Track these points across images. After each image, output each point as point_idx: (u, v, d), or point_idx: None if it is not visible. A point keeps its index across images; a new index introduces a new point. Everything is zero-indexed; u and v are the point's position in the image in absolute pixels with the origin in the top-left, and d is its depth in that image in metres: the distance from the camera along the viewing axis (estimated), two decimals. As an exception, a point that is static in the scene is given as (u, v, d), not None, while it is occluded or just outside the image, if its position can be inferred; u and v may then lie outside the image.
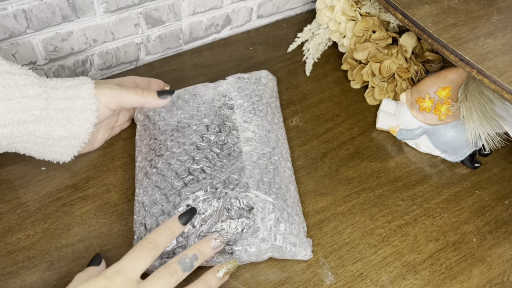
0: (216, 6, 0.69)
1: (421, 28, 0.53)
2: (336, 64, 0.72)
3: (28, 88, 0.44)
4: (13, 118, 0.43)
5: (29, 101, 0.44)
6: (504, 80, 0.47)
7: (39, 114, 0.45)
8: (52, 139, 0.47)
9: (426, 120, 0.59)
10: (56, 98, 0.46)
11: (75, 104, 0.47)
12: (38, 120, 0.45)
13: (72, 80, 0.48)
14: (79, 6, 0.57)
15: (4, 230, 0.50)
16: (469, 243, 0.55)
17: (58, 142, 0.47)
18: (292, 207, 0.50)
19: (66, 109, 0.46)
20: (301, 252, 0.49)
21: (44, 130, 0.46)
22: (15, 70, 0.44)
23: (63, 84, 0.47)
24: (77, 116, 0.47)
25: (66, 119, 0.46)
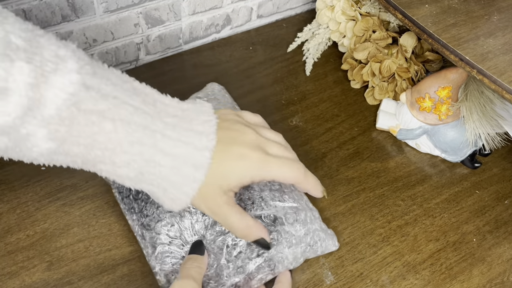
0: (216, 6, 0.69)
1: (421, 28, 0.52)
2: (336, 64, 0.72)
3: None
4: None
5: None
6: (504, 80, 0.47)
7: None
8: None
9: (426, 120, 0.59)
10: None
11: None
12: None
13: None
14: (78, 6, 0.57)
15: (4, 230, 0.50)
16: (469, 243, 0.55)
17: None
18: (307, 204, 0.50)
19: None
20: (329, 244, 0.49)
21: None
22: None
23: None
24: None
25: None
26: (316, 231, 0.48)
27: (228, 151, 0.41)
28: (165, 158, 0.38)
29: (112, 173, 0.39)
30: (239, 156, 0.42)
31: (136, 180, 0.39)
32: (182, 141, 0.39)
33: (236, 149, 0.42)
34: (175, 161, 0.39)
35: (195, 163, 0.39)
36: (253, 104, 0.65)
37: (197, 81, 0.67)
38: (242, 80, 0.68)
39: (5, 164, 0.55)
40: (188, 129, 0.40)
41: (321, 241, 0.48)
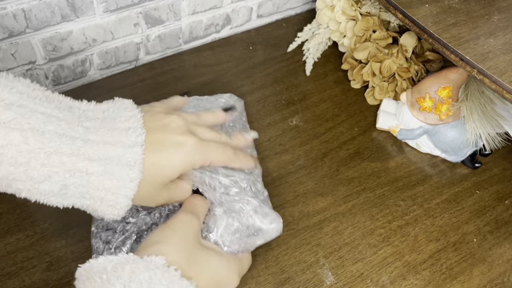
0: (216, 5, 0.69)
1: (421, 28, 0.52)
2: (336, 63, 0.72)
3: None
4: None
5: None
6: (505, 79, 0.47)
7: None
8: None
9: (427, 120, 0.59)
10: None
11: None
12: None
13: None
14: (78, 5, 0.57)
15: (4, 230, 0.50)
16: (469, 243, 0.55)
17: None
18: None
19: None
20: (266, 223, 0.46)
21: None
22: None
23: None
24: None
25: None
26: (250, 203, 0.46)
27: (161, 142, 0.39)
28: (92, 164, 0.36)
29: (33, 192, 0.36)
30: (175, 144, 0.40)
31: (62, 195, 0.36)
32: (108, 143, 0.36)
33: (169, 138, 0.40)
34: (105, 165, 0.36)
35: (128, 162, 0.37)
36: (253, 104, 0.65)
37: (197, 81, 0.67)
38: (242, 80, 0.68)
39: (4, 164, 0.55)
40: (112, 128, 0.37)
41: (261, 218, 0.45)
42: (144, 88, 0.65)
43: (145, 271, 0.34)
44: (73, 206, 0.38)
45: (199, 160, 0.42)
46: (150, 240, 0.39)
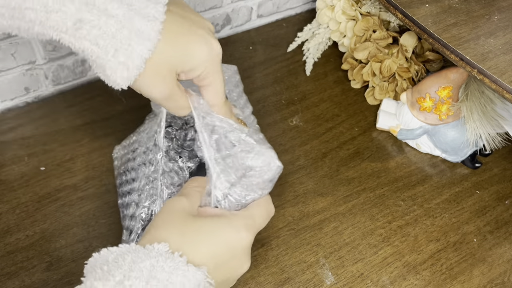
0: (216, 5, 0.69)
1: (421, 28, 0.52)
2: (336, 63, 0.72)
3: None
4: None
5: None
6: (505, 79, 0.47)
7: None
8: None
9: (427, 120, 0.59)
10: None
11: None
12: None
13: None
14: (78, 5, 0.57)
15: (3, 230, 0.50)
16: (469, 243, 0.55)
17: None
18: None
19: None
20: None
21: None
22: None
23: None
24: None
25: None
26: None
27: (187, 27, 0.37)
28: (113, 3, 0.32)
29: (46, 24, 0.32)
30: (202, 38, 0.37)
31: (75, 32, 0.32)
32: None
33: (198, 29, 0.37)
34: (126, 10, 0.33)
35: (148, 16, 0.34)
36: (253, 104, 0.65)
37: (197, 81, 0.67)
38: (242, 80, 0.68)
39: (5, 164, 0.55)
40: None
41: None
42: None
43: (146, 259, 0.33)
44: (83, 54, 0.34)
45: (212, 69, 0.39)
46: (147, 229, 0.38)
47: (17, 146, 0.56)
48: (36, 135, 0.58)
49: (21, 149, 0.56)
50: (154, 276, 0.32)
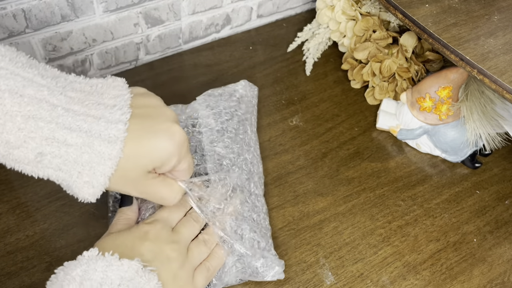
0: (216, 5, 0.69)
1: (421, 28, 0.52)
2: (336, 63, 0.72)
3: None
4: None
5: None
6: (505, 80, 0.47)
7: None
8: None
9: (427, 120, 0.59)
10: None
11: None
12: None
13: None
14: (78, 5, 0.57)
15: (3, 230, 0.50)
16: (469, 243, 0.55)
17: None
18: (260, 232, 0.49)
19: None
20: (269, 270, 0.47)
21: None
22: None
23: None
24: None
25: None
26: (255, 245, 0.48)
27: (147, 125, 0.38)
28: (71, 134, 0.34)
29: (8, 157, 0.34)
30: (165, 131, 0.38)
31: (37, 163, 0.35)
32: (90, 115, 0.35)
33: (159, 124, 0.38)
34: (85, 137, 0.35)
35: (110, 138, 0.35)
36: (253, 104, 0.65)
37: (197, 81, 0.67)
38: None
39: (4, 164, 0.55)
40: (98, 102, 0.36)
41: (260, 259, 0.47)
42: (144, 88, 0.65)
43: (76, 267, 0.36)
44: (49, 179, 0.37)
45: (182, 156, 0.40)
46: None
47: (17, 146, 0.56)
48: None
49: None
50: (88, 278, 0.35)
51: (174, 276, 0.41)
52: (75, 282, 0.35)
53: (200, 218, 0.46)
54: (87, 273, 0.35)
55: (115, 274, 0.36)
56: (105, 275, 0.35)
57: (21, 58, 0.34)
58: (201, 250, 0.45)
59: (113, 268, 0.36)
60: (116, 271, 0.36)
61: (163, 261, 0.40)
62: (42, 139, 0.34)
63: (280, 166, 0.59)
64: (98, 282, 0.35)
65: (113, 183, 0.37)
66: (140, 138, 0.37)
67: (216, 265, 0.45)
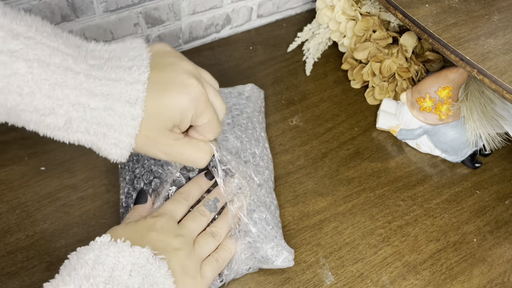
0: (216, 5, 0.69)
1: (421, 28, 0.52)
2: (336, 63, 0.72)
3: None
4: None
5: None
6: (505, 80, 0.47)
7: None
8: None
9: (427, 120, 0.59)
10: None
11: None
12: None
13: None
14: (78, 5, 0.57)
15: (4, 230, 0.50)
16: (469, 243, 0.55)
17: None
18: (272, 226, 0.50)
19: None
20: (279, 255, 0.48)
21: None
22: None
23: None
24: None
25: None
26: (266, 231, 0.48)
27: (167, 81, 0.39)
28: (94, 99, 0.36)
29: (40, 124, 0.36)
30: (180, 85, 0.39)
31: (67, 129, 0.36)
32: (110, 79, 0.36)
33: (174, 78, 0.39)
34: (106, 101, 0.36)
35: (129, 99, 0.36)
36: (253, 104, 0.65)
37: (197, 81, 0.67)
38: (242, 80, 0.68)
39: (5, 164, 0.55)
40: (116, 66, 0.37)
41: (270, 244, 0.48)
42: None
43: (89, 252, 0.37)
44: (79, 143, 0.38)
45: (199, 110, 0.40)
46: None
47: (17, 146, 0.56)
48: (36, 135, 0.58)
49: (21, 149, 0.56)
50: (100, 263, 0.36)
51: (181, 266, 0.41)
52: (88, 266, 0.36)
53: (207, 212, 0.47)
54: (99, 257, 0.36)
55: (127, 260, 0.37)
56: (117, 261, 0.37)
57: (46, 27, 0.35)
58: (208, 242, 0.45)
59: (125, 254, 0.37)
60: (128, 257, 0.37)
61: (170, 252, 0.41)
62: (69, 106, 0.35)
63: (280, 166, 0.59)
64: (110, 267, 0.36)
65: (139, 145, 0.38)
66: (157, 96, 0.38)
67: (225, 256, 0.46)
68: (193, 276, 0.42)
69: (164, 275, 0.38)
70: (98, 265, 0.36)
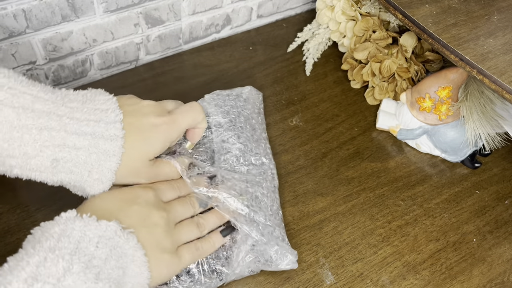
0: (216, 5, 0.69)
1: (421, 28, 0.52)
2: (336, 64, 0.72)
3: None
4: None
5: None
6: (505, 80, 0.47)
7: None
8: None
9: (426, 120, 0.59)
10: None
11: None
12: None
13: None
14: (78, 5, 0.57)
15: (4, 230, 0.50)
16: (469, 243, 0.55)
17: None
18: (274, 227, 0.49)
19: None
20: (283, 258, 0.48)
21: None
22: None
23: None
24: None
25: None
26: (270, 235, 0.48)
27: (138, 123, 0.43)
28: (79, 138, 0.39)
29: (25, 167, 0.39)
30: (150, 125, 0.44)
31: (52, 169, 0.39)
32: (91, 120, 0.40)
33: (144, 120, 0.44)
34: (91, 139, 0.40)
35: (111, 136, 0.41)
36: (253, 104, 0.65)
37: (197, 81, 0.67)
38: (242, 80, 0.68)
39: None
40: (93, 108, 0.41)
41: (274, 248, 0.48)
42: (144, 88, 0.65)
43: (54, 226, 0.37)
44: (61, 183, 0.41)
45: (173, 135, 0.46)
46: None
47: (18, 146, 0.57)
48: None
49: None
50: (66, 235, 0.36)
51: (158, 243, 0.41)
52: (53, 239, 0.36)
53: (196, 205, 0.47)
54: (65, 231, 0.37)
55: (93, 233, 0.37)
56: (83, 234, 0.37)
57: (22, 78, 0.39)
58: (191, 230, 0.46)
59: (91, 227, 0.37)
60: (94, 230, 0.37)
61: (148, 226, 0.42)
62: (55, 147, 0.38)
63: (280, 166, 0.59)
64: (76, 239, 0.36)
65: (120, 177, 0.43)
66: (136, 133, 0.43)
67: (207, 248, 0.46)
68: (169, 253, 0.42)
69: (133, 247, 0.39)
70: (64, 237, 0.36)
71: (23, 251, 0.36)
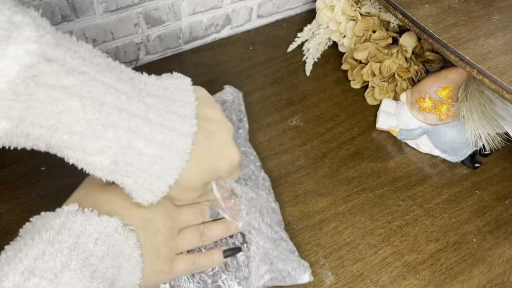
0: (216, 5, 0.69)
1: (421, 28, 0.52)
2: (336, 64, 0.72)
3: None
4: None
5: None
6: (505, 80, 0.47)
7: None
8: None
9: (427, 120, 0.59)
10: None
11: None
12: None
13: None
14: (78, 6, 0.57)
15: (4, 230, 0.50)
16: (469, 243, 0.55)
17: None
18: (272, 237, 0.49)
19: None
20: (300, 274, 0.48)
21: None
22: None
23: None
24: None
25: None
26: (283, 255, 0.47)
27: (211, 143, 0.40)
28: (147, 145, 0.35)
29: (82, 161, 0.35)
30: (223, 153, 0.41)
31: (110, 170, 0.36)
32: (165, 126, 0.36)
33: (217, 143, 0.41)
34: (158, 148, 0.36)
35: (177, 150, 0.37)
36: (253, 104, 0.65)
37: (197, 81, 0.67)
38: (242, 80, 0.68)
39: (5, 164, 0.55)
40: (171, 111, 0.37)
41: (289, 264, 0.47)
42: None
43: (55, 218, 0.36)
44: (113, 182, 0.37)
45: (233, 171, 0.44)
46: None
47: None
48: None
49: (21, 149, 0.56)
50: (66, 228, 0.35)
51: (155, 249, 0.41)
52: (53, 231, 0.35)
53: (207, 214, 0.46)
54: (65, 223, 0.35)
55: (93, 228, 0.36)
56: (83, 228, 0.36)
57: (98, 59, 0.34)
58: (193, 238, 0.44)
59: (92, 222, 0.36)
60: (95, 226, 0.36)
61: (150, 232, 0.40)
62: (119, 148, 0.35)
63: (280, 166, 0.59)
64: (76, 233, 0.35)
65: (171, 191, 0.39)
66: (203, 154, 0.39)
67: (204, 264, 0.45)
68: (164, 261, 0.41)
69: (131, 247, 0.38)
70: (64, 230, 0.35)
71: (21, 241, 0.34)
